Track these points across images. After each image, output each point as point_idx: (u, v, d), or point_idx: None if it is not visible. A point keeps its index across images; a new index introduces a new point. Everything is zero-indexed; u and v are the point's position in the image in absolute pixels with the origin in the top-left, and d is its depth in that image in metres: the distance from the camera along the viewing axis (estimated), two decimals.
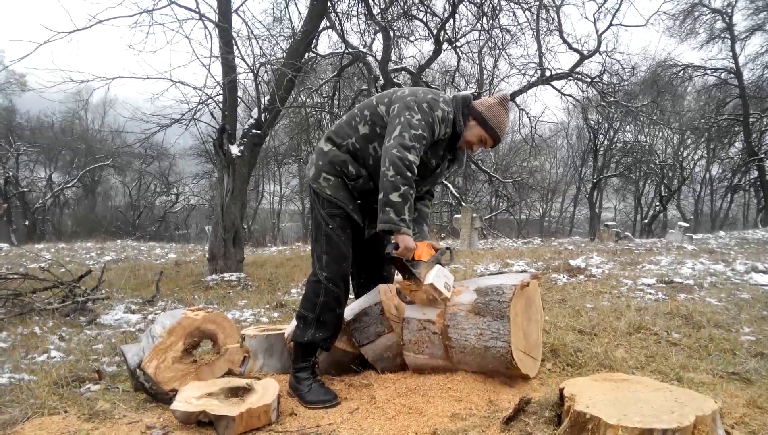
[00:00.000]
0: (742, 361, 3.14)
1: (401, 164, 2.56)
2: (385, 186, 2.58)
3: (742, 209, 33.71)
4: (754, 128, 25.09)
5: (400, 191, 2.57)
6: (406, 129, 2.61)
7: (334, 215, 2.83)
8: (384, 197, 2.58)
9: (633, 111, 18.78)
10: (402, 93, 2.79)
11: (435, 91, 2.84)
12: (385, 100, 2.82)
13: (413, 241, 2.65)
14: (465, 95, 2.93)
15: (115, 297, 6.92)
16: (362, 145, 2.82)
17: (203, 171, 28.90)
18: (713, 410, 1.91)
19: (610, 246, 11.44)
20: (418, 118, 2.64)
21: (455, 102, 2.86)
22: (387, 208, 2.57)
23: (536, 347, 2.90)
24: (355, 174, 2.84)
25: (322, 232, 2.85)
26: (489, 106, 2.85)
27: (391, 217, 2.57)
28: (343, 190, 2.85)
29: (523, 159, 30.85)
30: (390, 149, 2.60)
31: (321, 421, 2.50)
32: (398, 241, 2.62)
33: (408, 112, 2.66)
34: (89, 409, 2.73)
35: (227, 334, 3.08)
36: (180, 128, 9.04)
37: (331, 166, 2.85)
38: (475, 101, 2.90)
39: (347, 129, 2.87)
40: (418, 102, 2.69)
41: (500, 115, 2.85)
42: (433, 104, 2.71)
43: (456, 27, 14.92)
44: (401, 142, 2.59)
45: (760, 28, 23.43)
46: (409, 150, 2.59)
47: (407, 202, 2.59)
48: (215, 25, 7.95)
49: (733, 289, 5.38)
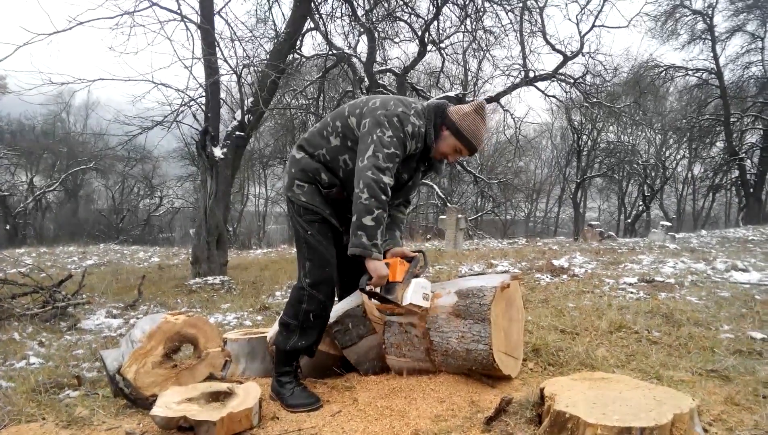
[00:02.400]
0: (721, 358, 3.17)
1: (376, 187, 2.52)
2: (358, 208, 2.54)
3: (723, 208, 34.14)
4: (735, 128, 25.46)
5: (374, 215, 2.53)
6: (379, 148, 2.56)
7: (311, 221, 2.80)
8: (357, 220, 2.54)
9: (616, 111, 18.97)
10: (373, 105, 2.70)
11: (407, 101, 2.75)
12: (356, 111, 2.74)
13: (385, 267, 2.61)
14: (438, 103, 2.84)
15: (96, 301, 6.84)
16: (332, 156, 2.77)
17: (187, 173, 28.65)
18: (691, 408, 1.93)
19: (594, 246, 11.54)
20: (389, 135, 2.58)
21: (427, 113, 2.76)
22: (359, 232, 2.54)
23: (518, 347, 2.91)
24: (328, 182, 2.80)
25: (302, 240, 2.81)
26: (464, 115, 2.75)
27: (363, 242, 2.53)
28: (318, 196, 2.81)
29: (508, 160, 30.99)
30: (364, 171, 2.54)
31: (303, 425, 2.49)
32: (369, 270, 2.59)
33: (379, 129, 2.59)
34: (67, 416, 2.69)
35: (208, 338, 3.05)
36: (163, 130, 8.99)
37: (303, 174, 2.81)
38: (450, 109, 2.80)
39: (319, 138, 2.82)
40: (388, 117, 2.61)
41: (475, 125, 2.75)
42: (403, 119, 2.62)
43: (440, 28, 14.99)
44: (375, 163, 2.54)
45: (740, 29, 23.84)
46: (384, 171, 2.55)
47: (380, 226, 2.56)
48: (197, 27, 7.91)
49: (714, 288, 5.45)
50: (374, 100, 2.74)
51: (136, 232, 33.51)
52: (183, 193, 33.74)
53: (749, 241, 11.63)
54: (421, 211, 32.12)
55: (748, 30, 23.92)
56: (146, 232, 34.23)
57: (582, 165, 30.95)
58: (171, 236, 34.58)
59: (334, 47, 12.70)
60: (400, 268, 2.68)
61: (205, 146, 8.24)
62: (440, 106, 2.80)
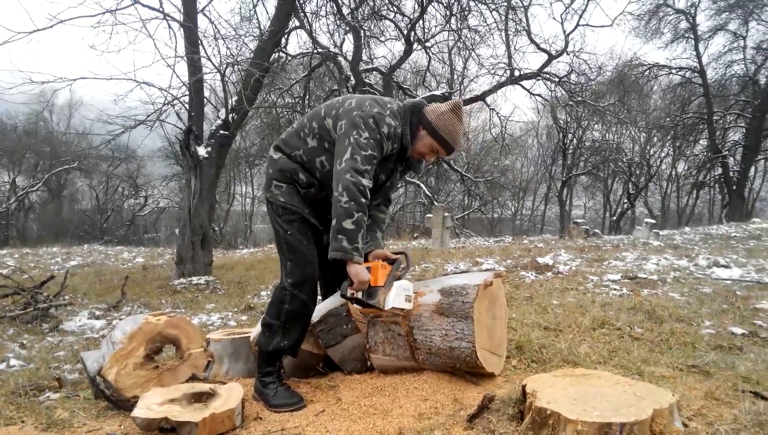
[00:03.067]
0: (702, 354, 3.20)
1: (355, 190, 2.51)
2: (338, 212, 2.53)
3: (707, 205, 34.49)
4: (718, 126, 25.74)
5: (354, 218, 2.52)
6: (357, 151, 2.54)
7: (291, 221, 2.78)
8: (337, 224, 2.53)
9: (600, 110, 19.14)
10: (349, 105, 2.67)
11: (382, 101, 2.73)
12: (332, 113, 2.71)
13: (366, 272, 2.60)
14: (415, 103, 2.80)
15: (79, 303, 6.78)
16: (309, 158, 2.76)
17: (172, 173, 28.45)
18: (670, 403, 1.95)
19: (579, 243, 11.62)
20: (366, 136, 2.57)
21: (403, 113, 2.74)
22: (340, 235, 2.52)
23: (501, 344, 2.92)
24: (306, 182, 2.79)
25: (282, 240, 2.79)
26: (440, 114, 2.73)
27: (344, 246, 2.52)
28: (297, 196, 2.81)
29: (495, 158, 31.15)
30: (343, 174, 2.53)
31: (286, 424, 2.48)
32: (351, 275, 2.58)
33: (355, 131, 2.57)
34: (47, 419, 2.67)
35: (190, 339, 3.03)
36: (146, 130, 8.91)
37: (281, 174, 2.80)
38: (427, 108, 2.77)
39: (296, 139, 2.80)
40: (364, 118, 2.59)
41: (452, 125, 2.72)
42: (379, 120, 2.61)
43: (426, 27, 15.03)
44: (354, 166, 2.53)
45: (722, 28, 24.09)
46: (362, 174, 2.54)
47: (361, 230, 2.55)
48: (180, 25, 7.86)
49: (696, 284, 5.50)
50: (350, 100, 2.71)
51: (121, 232, 33.23)
52: (168, 193, 33.47)
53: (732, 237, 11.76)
54: (408, 209, 32.16)
55: (730, 29, 24.20)
56: (131, 233, 33.97)
57: (567, 163, 31.19)
58: (156, 236, 34.30)
59: (319, 45, 12.67)
60: (382, 271, 2.66)
61: (189, 145, 8.18)
62: (416, 106, 2.78)
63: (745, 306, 4.43)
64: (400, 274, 2.76)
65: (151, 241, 31.65)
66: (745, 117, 25.30)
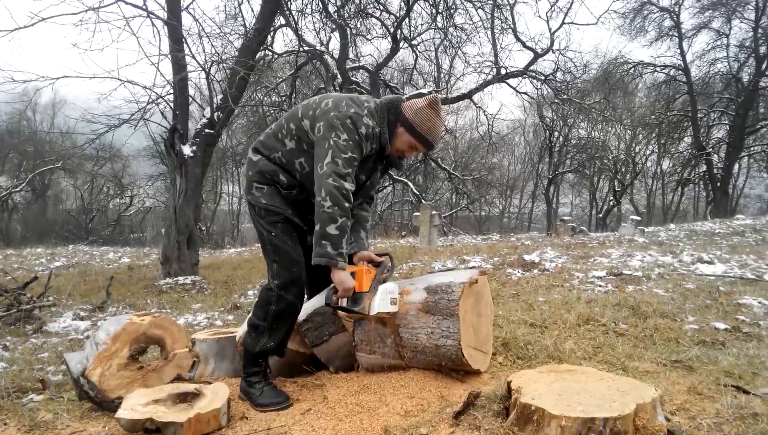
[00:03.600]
0: (685, 349, 3.24)
1: (338, 194, 2.49)
2: (321, 217, 2.51)
3: (692, 202, 34.88)
4: (702, 123, 26.05)
5: (338, 223, 2.50)
6: (337, 154, 2.52)
7: (274, 223, 2.75)
8: (321, 229, 2.51)
9: (586, 108, 19.26)
10: (326, 106, 2.63)
11: (359, 101, 2.69)
12: (309, 113, 2.67)
13: (351, 279, 2.59)
14: (392, 99, 2.75)
15: (63, 304, 6.71)
16: (289, 159, 2.73)
17: (158, 172, 28.19)
18: (653, 398, 1.96)
19: (566, 240, 11.70)
20: (345, 138, 2.53)
21: (380, 111, 2.69)
22: (323, 241, 2.50)
23: (486, 341, 2.93)
24: (287, 183, 2.76)
25: (267, 242, 2.76)
26: (417, 110, 2.66)
27: (328, 252, 2.50)
28: (278, 197, 2.77)
29: (482, 156, 31.25)
30: (325, 178, 2.51)
31: (272, 424, 2.47)
32: (335, 282, 2.57)
33: (334, 133, 2.54)
34: (30, 420, 2.64)
35: (175, 339, 3.01)
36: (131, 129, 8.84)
37: (261, 176, 2.77)
38: (404, 104, 2.72)
39: (274, 141, 2.77)
40: (341, 119, 2.55)
41: (430, 120, 2.66)
42: (356, 120, 2.56)
43: (412, 25, 15.05)
44: (335, 169, 2.50)
45: (705, 26, 24.38)
46: (345, 178, 2.52)
47: (344, 235, 2.54)
48: (164, 23, 7.79)
49: (680, 280, 5.56)
50: (326, 100, 2.67)
51: (106, 232, 32.91)
52: (154, 193, 33.21)
53: (716, 233, 11.90)
54: (396, 208, 32.20)
55: (713, 27, 24.51)
56: (117, 233, 33.65)
57: (554, 161, 31.38)
58: (142, 236, 33.99)
59: (305, 44, 12.63)
60: (366, 276, 2.64)
61: (174, 144, 8.12)
62: (393, 102, 2.73)
63: (728, 301, 4.49)
64: (385, 276, 2.75)
65: (137, 241, 31.37)
66: (728, 114, 25.61)
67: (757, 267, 6.23)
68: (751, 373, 2.78)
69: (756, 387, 2.54)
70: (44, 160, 30.80)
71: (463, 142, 32.69)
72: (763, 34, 23.14)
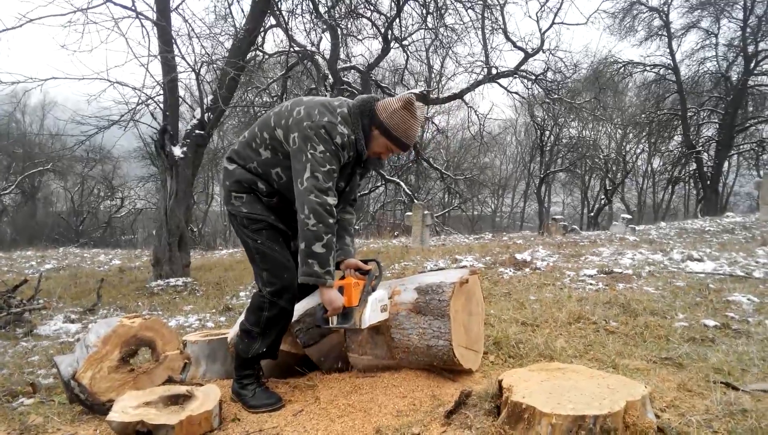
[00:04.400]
0: (675, 346, 3.26)
1: (322, 211, 2.45)
2: (306, 236, 2.46)
3: (682, 200, 35.08)
4: (692, 122, 26.21)
5: (324, 241, 2.46)
6: (316, 168, 2.46)
7: (258, 230, 2.70)
8: (306, 248, 2.46)
9: (576, 107, 19.34)
10: (298, 115, 2.56)
11: (331, 107, 2.60)
12: (282, 123, 2.61)
13: (340, 298, 2.55)
14: (365, 101, 2.67)
15: (54, 306, 6.67)
16: (265, 169, 2.68)
17: (149, 174, 27.98)
18: (643, 395, 1.97)
19: (557, 239, 11.74)
20: (322, 150, 2.47)
21: (353, 116, 2.62)
22: (310, 260, 2.46)
23: (478, 341, 2.94)
24: (267, 191, 2.71)
25: (253, 250, 2.72)
26: (391, 112, 2.59)
27: (315, 271, 2.47)
28: (259, 204, 2.72)
29: (474, 156, 31.32)
30: (306, 194, 2.46)
31: (264, 425, 2.47)
32: (324, 301, 2.55)
33: (309, 144, 2.48)
34: (20, 424, 2.62)
35: (166, 341, 3.00)
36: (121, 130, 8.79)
37: (239, 185, 2.72)
38: (378, 105, 2.63)
39: (249, 151, 2.71)
40: (315, 129, 2.49)
41: (405, 123, 2.59)
42: (331, 130, 2.50)
43: (403, 26, 15.06)
44: (316, 184, 2.46)
45: (694, 25, 24.55)
46: (326, 192, 2.47)
47: (331, 252, 2.50)
48: (153, 24, 7.76)
49: (670, 278, 5.59)
50: (298, 108, 2.59)
51: (97, 234, 32.74)
52: (145, 194, 33.02)
53: (706, 231, 11.96)
54: (388, 207, 32.21)
55: (702, 26, 24.69)
56: (107, 235, 33.46)
57: (545, 160, 31.46)
58: (133, 238, 33.86)
59: (296, 44, 12.59)
60: (355, 290, 2.61)
61: (164, 145, 8.09)
62: (366, 105, 2.65)
63: (718, 299, 4.52)
64: (374, 284, 2.72)
65: (128, 243, 31.23)
66: (718, 113, 25.79)
67: (747, 264, 6.27)
68: (741, 369, 2.80)
69: (745, 383, 2.56)
70: (34, 162, 30.62)
71: (455, 142, 32.81)
72: (751, 33, 23.33)
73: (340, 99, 2.76)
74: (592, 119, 25.44)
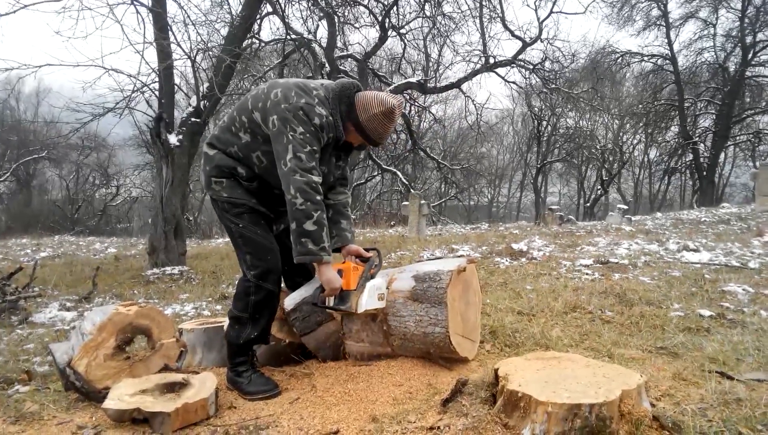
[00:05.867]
0: (671, 336, 3.27)
1: (308, 189, 2.45)
2: (296, 215, 2.47)
3: (678, 191, 35.13)
4: (689, 112, 26.20)
5: (314, 218, 2.46)
6: (298, 148, 2.47)
7: (240, 214, 2.71)
8: (298, 228, 2.47)
9: (574, 97, 19.30)
10: (275, 97, 2.56)
11: (308, 88, 2.61)
12: (259, 105, 2.61)
13: (338, 278, 2.57)
14: (344, 87, 2.67)
15: (49, 294, 6.65)
16: (245, 153, 2.68)
17: (145, 162, 27.88)
18: (638, 384, 1.98)
19: (554, 229, 11.74)
20: (302, 131, 2.48)
21: (331, 100, 2.63)
22: (303, 238, 2.47)
23: (474, 330, 2.94)
24: (246, 176, 2.71)
25: (236, 235, 2.73)
26: (371, 117, 2.60)
27: (310, 249, 2.47)
28: (239, 188, 2.73)
29: (471, 146, 31.28)
30: (291, 175, 2.46)
31: (261, 413, 2.47)
32: (322, 280, 2.55)
33: (289, 126, 2.49)
34: (16, 412, 2.61)
35: (162, 329, 2.99)
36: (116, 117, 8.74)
37: (219, 170, 2.72)
38: (358, 101, 2.63)
39: (229, 135, 2.71)
40: (293, 111, 2.49)
41: (382, 126, 2.63)
42: (308, 111, 2.51)
43: (400, 14, 14.97)
44: (299, 165, 2.46)
45: (693, 15, 24.47)
46: (310, 171, 2.48)
47: (323, 228, 2.50)
48: (149, 10, 7.68)
49: (665, 268, 5.61)
50: (275, 91, 2.59)
51: (93, 222, 32.57)
52: (141, 182, 32.83)
53: (702, 222, 11.97)
54: (384, 197, 32.19)
55: (700, 16, 24.61)
56: (103, 223, 33.30)
57: (542, 150, 31.44)
58: (129, 226, 33.70)
59: (293, 32, 12.50)
60: (354, 274, 2.64)
61: (160, 133, 8.04)
62: (346, 91, 2.65)
63: (713, 289, 4.53)
64: (373, 272, 2.74)
65: (123, 231, 31.10)
66: (715, 104, 25.78)
67: (742, 255, 6.29)
68: (735, 359, 2.81)
69: (740, 373, 2.57)
70: (29, 150, 30.45)
71: (452, 132, 32.71)
72: (749, 24, 23.29)
73: (317, 81, 2.76)
74: (590, 109, 25.39)
